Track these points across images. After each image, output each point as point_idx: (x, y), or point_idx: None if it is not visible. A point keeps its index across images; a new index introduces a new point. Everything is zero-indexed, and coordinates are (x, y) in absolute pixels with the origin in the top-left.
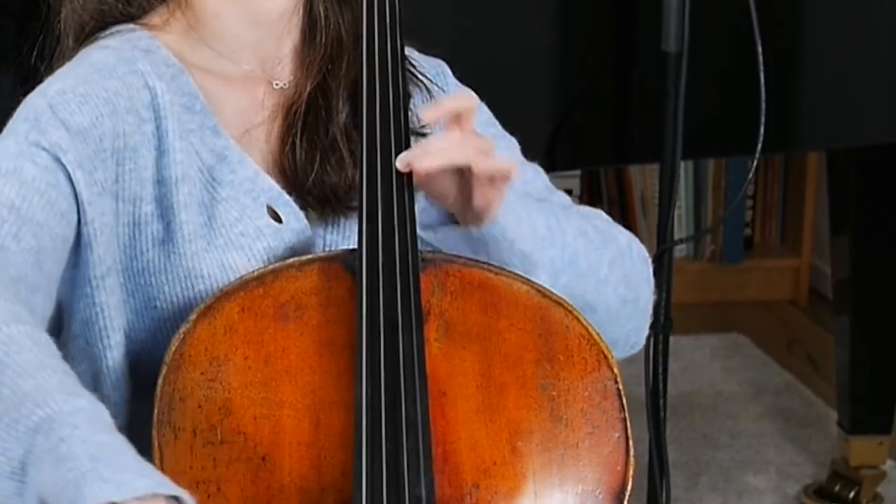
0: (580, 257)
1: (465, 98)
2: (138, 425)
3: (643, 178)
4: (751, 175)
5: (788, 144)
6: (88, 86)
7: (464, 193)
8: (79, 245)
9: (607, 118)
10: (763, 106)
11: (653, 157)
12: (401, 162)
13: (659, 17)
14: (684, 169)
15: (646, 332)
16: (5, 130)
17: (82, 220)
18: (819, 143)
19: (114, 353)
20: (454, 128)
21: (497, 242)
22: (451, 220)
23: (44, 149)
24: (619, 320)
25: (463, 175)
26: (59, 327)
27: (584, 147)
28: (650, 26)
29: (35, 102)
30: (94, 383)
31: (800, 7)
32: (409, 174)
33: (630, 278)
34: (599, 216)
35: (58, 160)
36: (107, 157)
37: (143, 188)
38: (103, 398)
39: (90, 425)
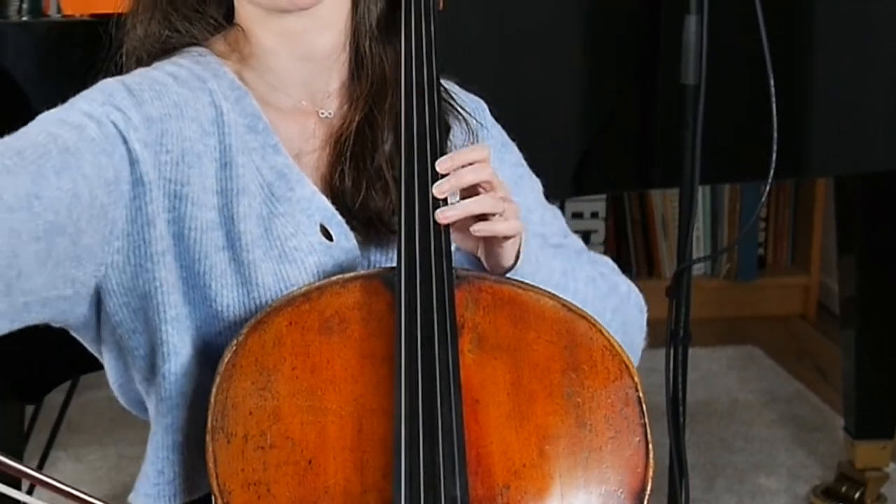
0: (588, 304)
1: (479, 150)
2: (197, 398)
3: (664, 202)
4: (763, 199)
5: (799, 171)
6: (163, 87)
7: (485, 247)
8: (139, 223)
9: (631, 146)
10: (775, 135)
11: (673, 183)
12: (436, 189)
13: (678, 53)
14: (702, 193)
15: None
16: (76, 97)
17: (146, 199)
18: (827, 169)
19: (168, 326)
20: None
21: None
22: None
23: (114, 122)
24: None
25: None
26: (99, 311)
27: (610, 173)
28: (670, 61)
29: (111, 83)
30: (151, 353)
31: (810, 43)
32: (445, 200)
33: (628, 326)
34: (606, 263)
35: (124, 137)
36: (173, 155)
37: (205, 195)
38: (157, 367)
39: None
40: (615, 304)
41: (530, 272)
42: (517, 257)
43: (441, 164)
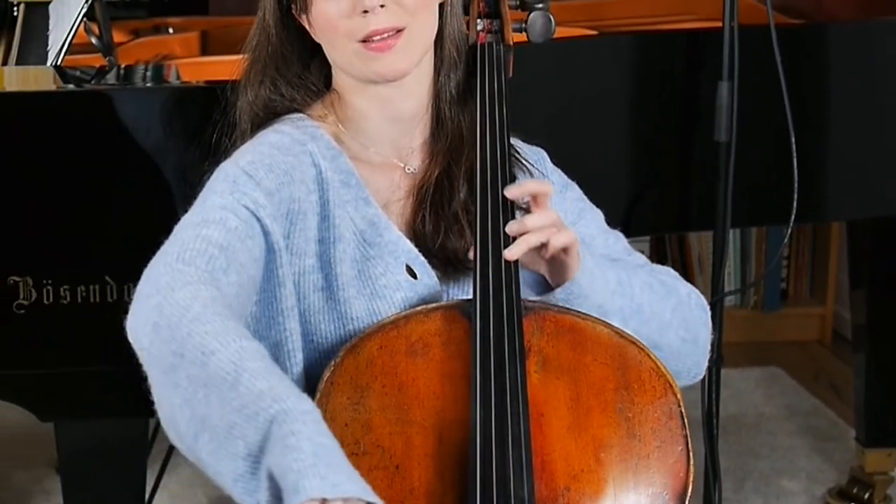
0: (645, 306)
1: (543, 184)
2: None
3: (699, 243)
4: (786, 240)
5: (816, 216)
6: (272, 159)
7: (551, 265)
8: (272, 284)
9: (671, 195)
10: (796, 185)
11: (707, 226)
12: (510, 228)
13: (712, 114)
14: (732, 235)
15: (705, 366)
16: (206, 190)
17: (278, 263)
18: (840, 214)
19: (296, 369)
20: (535, 207)
21: (578, 297)
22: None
23: (245, 206)
24: (681, 356)
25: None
26: None
27: (653, 218)
28: (705, 122)
29: (230, 169)
30: None
31: (826, 105)
32: (514, 214)
33: (689, 322)
34: (668, 272)
35: (256, 215)
36: (284, 216)
37: (307, 245)
38: None
39: (315, 426)
40: (674, 304)
41: (587, 283)
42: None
43: (509, 191)
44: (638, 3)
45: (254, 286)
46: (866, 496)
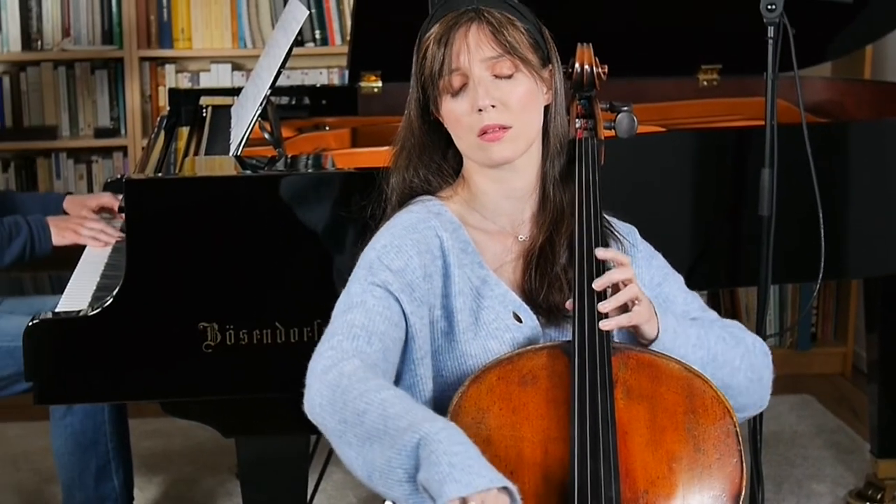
0: (719, 355)
1: (627, 257)
2: None
3: (747, 295)
4: (815, 293)
5: (839, 274)
6: (401, 240)
7: (635, 330)
8: (407, 340)
9: (724, 257)
10: (823, 250)
11: (753, 282)
12: (597, 284)
13: (756, 194)
14: (773, 289)
15: (768, 399)
16: (352, 276)
17: (410, 322)
18: (859, 273)
19: (424, 400)
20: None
21: (664, 351)
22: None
23: (377, 285)
24: (749, 393)
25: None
26: None
27: (709, 275)
28: (751, 200)
29: (368, 255)
30: None
31: (847, 185)
32: (602, 293)
33: (755, 366)
34: (736, 325)
35: (388, 291)
36: (411, 286)
37: (435, 300)
38: None
39: (448, 438)
40: (742, 352)
41: (670, 340)
42: (657, 332)
43: (596, 283)
44: (697, 106)
45: (399, 343)
46: (879, 497)
